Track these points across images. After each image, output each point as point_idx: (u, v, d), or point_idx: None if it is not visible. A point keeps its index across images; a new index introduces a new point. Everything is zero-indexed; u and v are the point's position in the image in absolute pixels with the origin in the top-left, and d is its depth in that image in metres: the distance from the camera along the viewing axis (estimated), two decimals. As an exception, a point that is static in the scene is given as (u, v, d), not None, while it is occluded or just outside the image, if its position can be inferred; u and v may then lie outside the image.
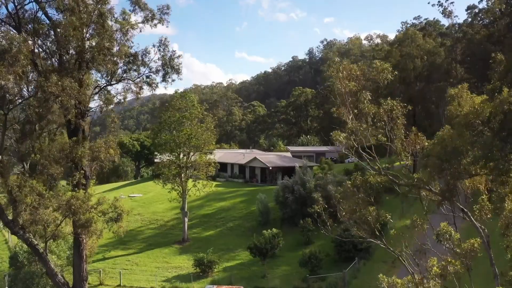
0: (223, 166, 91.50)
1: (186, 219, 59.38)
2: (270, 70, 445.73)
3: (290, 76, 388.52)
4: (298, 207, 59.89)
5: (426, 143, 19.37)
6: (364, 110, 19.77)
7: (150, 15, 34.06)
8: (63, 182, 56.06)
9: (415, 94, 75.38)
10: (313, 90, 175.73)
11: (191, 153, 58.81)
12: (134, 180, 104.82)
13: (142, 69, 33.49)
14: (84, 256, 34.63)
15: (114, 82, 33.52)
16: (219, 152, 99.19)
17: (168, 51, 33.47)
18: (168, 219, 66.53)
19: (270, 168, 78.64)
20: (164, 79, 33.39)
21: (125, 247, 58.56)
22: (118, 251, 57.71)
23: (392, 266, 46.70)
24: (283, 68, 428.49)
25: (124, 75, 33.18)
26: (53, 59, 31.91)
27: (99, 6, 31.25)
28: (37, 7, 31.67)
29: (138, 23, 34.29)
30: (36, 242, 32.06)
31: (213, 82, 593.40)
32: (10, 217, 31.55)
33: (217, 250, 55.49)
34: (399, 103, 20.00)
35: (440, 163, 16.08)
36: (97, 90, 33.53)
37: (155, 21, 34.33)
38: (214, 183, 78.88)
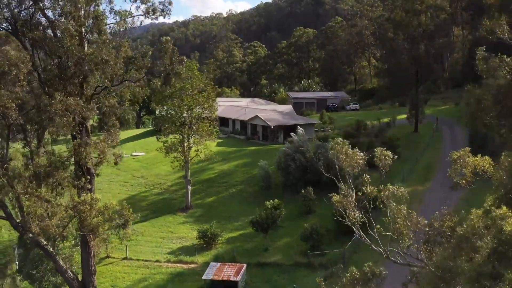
0: (224, 121, 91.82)
1: (189, 187, 60.32)
2: (270, 1, 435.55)
3: (291, 8, 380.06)
4: (300, 174, 60.66)
5: (427, 228, 19.50)
6: (367, 194, 19.93)
7: (151, 8, 33.41)
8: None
9: (419, 53, 74.34)
10: (314, 30, 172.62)
11: (193, 123, 58.80)
12: (136, 132, 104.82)
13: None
14: (92, 252, 35.68)
15: (116, 83, 33.23)
16: (221, 105, 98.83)
17: (169, 50, 32.94)
18: (171, 183, 67.55)
19: (272, 127, 78.81)
20: (165, 82, 33.09)
21: (130, 215, 59.77)
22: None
23: (392, 240, 47.98)
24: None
25: (125, 75, 32.81)
26: (53, 62, 31.43)
27: (93, 8, 30.51)
28: (33, 10, 30.85)
29: (139, 15, 33.77)
30: (45, 243, 32.93)
31: (212, 12, 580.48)
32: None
33: (220, 219, 56.86)
34: (400, 187, 20.15)
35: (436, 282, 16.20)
36: (98, 90, 33.32)
37: (157, 14, 33.80)
38: (216, 141, 79.33)
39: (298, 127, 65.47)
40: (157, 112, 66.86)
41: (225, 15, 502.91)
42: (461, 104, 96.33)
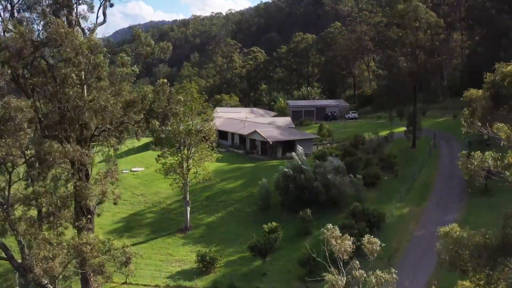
0: (223, 134, 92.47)
1: (188, 208, 60.88)
2: (270, 0, 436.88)
3: (291, 8, 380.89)
4: (298, 194, 61.29)
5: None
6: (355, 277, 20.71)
7: (150, 52, 34.17)
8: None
9: (417, 69, 74.88)
10: (314, 35, 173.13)
11: (192, 146, 59.23)
12: (135, 143, 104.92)
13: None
14: (92, 289, 36.32)
15: (115, 125, 33.77)
16: (220, 115, 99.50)
17: (166, 92, 33.60)
18: (171, 201, 68.13)
19: (271, 142, 79.39)
20: (163, 123, 33.67)
21: (130, 235, 60.36)
22: (124, 239, 59.46)
23: (388, 263, 48.61)
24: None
25: (124, 117, 33.33)
26: (54, 106, 31.96)
27: (94, 56, 31.06)
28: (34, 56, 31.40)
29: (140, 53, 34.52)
30: (46, 282, 33.49)
31: (212, 12, 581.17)
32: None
33: (219, 241, 57.49)
34: (391, 273, 20.81)
35: None
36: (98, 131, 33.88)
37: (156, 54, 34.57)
38: (215, 156, 79.99)
39: (298, 146, 65.87)
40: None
41: (224, 14, 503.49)
42: (458, 117, 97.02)
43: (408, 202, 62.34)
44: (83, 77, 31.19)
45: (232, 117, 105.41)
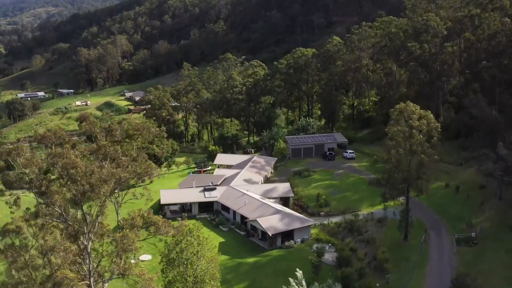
0: (225, 207, 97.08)
1: None
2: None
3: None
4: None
5: None
6: None
7: None
8: None
9: (409, 175, 78.60)
10: (314, 50, 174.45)
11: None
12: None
13: None
14: None
15: None
16: (221, 188, 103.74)
17: None
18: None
19: (271, 235, 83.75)
20: None
21: None
22: None
23: None
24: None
25: None
26: None
27: None
28: None
29: None
30: None
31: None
32: None
33: None
34: None
35: None
36: None
37: None
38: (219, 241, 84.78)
39: (297, 269, 70.22)
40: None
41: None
42: (450, 185, 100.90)
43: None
44: None
45: (232, 173, 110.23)
